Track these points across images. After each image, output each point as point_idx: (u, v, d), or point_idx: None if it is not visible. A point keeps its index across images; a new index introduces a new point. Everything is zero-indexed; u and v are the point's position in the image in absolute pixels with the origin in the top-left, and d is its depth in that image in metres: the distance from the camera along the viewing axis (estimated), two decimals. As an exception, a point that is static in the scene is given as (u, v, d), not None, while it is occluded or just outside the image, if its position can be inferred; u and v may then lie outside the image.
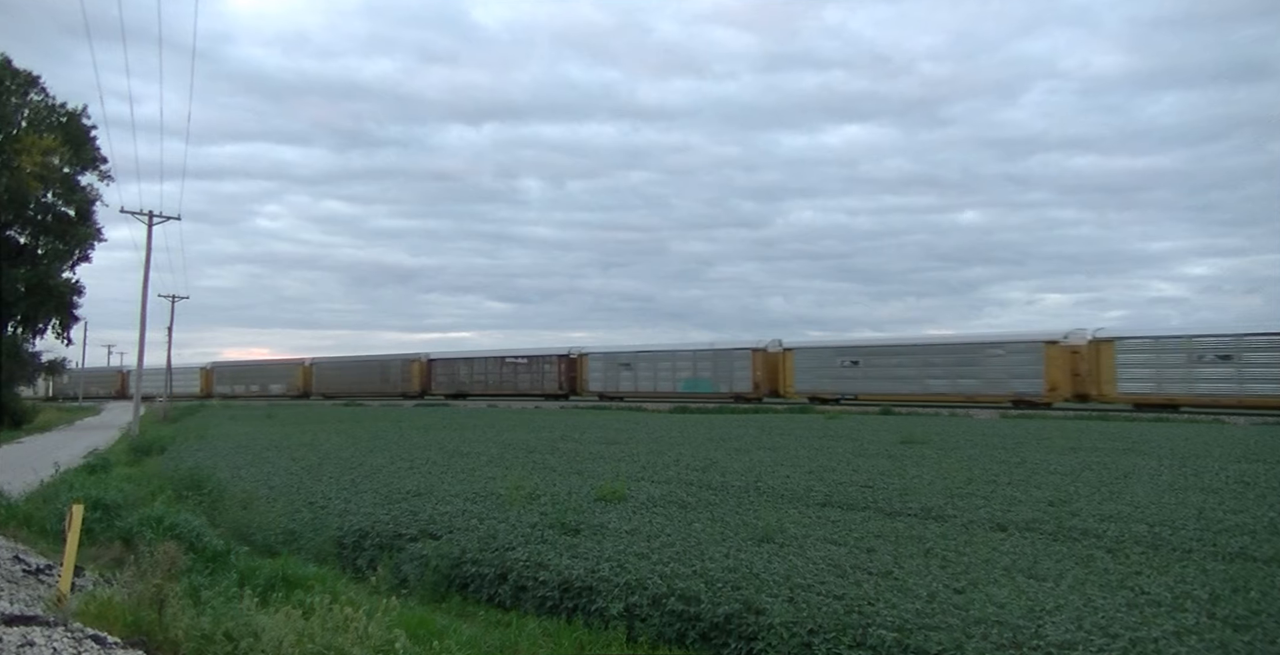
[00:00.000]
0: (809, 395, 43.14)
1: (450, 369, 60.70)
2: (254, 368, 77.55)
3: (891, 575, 7.08)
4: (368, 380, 65.27)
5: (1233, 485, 12.55)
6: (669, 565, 7.46)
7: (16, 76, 35.95)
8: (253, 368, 77.73)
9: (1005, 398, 37.43)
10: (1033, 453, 17.49)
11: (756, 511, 10.31)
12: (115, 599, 6.01)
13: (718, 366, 46.83)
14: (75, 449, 23.95)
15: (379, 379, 64.51)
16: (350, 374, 67.27)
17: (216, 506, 12.45)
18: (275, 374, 73.71)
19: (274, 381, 73.05)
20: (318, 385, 69.40)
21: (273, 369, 74.85)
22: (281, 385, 71.82)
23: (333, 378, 68.68)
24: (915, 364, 40.86)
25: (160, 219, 35.32)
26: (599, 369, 52.26)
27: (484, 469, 15.40)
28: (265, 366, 76.51)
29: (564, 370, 53.85)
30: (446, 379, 60.59)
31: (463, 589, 8.32)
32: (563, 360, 54.16)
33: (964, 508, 10.45)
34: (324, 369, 69.97)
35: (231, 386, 75.86)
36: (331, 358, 72.29)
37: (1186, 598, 6.38)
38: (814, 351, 44.56)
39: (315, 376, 69.92)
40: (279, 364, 75.15)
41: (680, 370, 48.62)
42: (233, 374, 77.56)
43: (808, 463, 15.74)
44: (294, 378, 71.18)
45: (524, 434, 24.67)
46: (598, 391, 51.72)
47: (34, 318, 38.65)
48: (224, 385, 76.61)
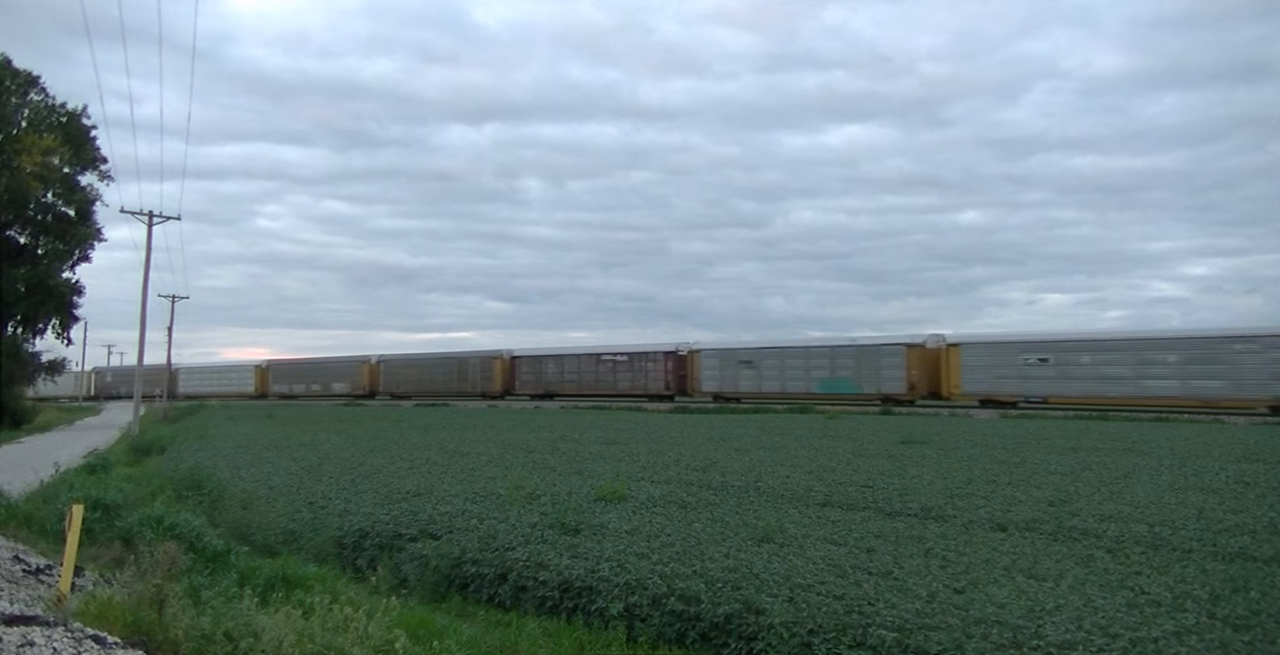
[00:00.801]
0: (982, 397, 38.43)
1: (537, 367, 55.56)
2: (315, 366, 71.55)
3: (891, 575, 7.08)
4: (443, 379, 60.09)
5: (1233, 485, 12.55)
6: (669, 565, 7.46)
7: (16, 76, 35.95)
8: (314, 366, 71.65)
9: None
10: (1033, 453, 17.49)
11: (756, 511, 10.31)
12: (115, 599, 6.01)
13: (862, 364, 41.42)
14: (75, 449, 23.96)
15: (455, 378, 59.38)
16: (424, 372, 61.97)
17: (216, 506, 12.45)
18: (339, 372, 68.24)
19: (337, 380, 67.66)
20: (386, 384, 64.45)
21: (336, 367, 69.17)
22: (345, 384, 66.67)
23: (403, 376, 63.52)
24: (1130, 362, 35.33)
25: (160, 219, 35.36)
26: (714, 367, 46.73)
27: (484, 469, 15.40)
28: (328, 364, 70.67)
29: (671, 368, 48.47)
30: (532, 378, 55.45)
31: (463, 589, 8.32)
32: (670, 357, 48.79)
33: (964, 508, 10.45)
34: (393, 367, 64.91)
35: (290, 386, 70.90)
36: (402, 355, 67.06)
37: (1186, 598, 6.38)
38: (989, 347, 39.07)
39: (383, 375, 64.96)
40: (343, 362, 69.33)
41: (815, 369, 43.18)
42: (291, 372, 72.15)
43: (808, 463, 15.74)
44: (359, 376, 66.17)
45: (524, 434, 24.67)
46: (712, 392, 46.54)
47: (34, 318, 38.66)
48: (281, 384, 71.70)
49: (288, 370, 72.81)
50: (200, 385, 76.97)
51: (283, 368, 73.76)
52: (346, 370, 67.61)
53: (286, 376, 72.29)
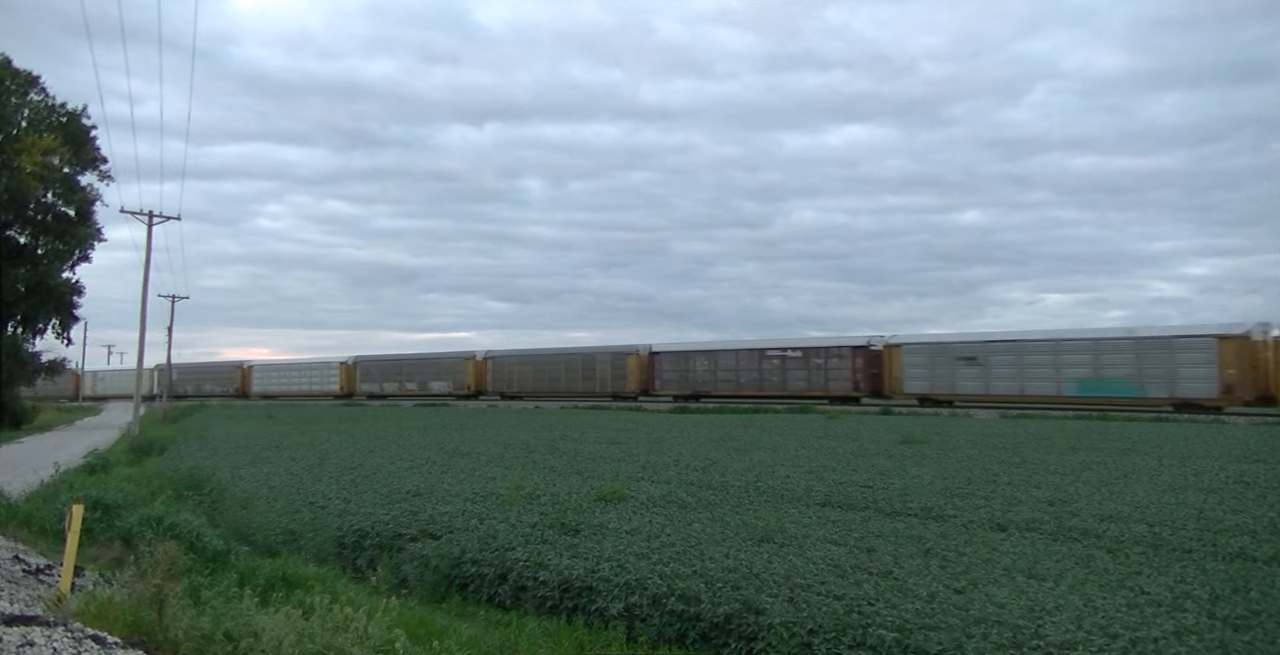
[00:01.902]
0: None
1: (682, 364, 48.81)
2: (411, 362, 64.79)
3: (891, 575, 7.08)
4: (566, 377, 54.16)
5: (1233, 485, 12.55)
6: (669, 565, 7.46)
7: (16, 76, 35.95)
8: (410, 362, 64.85)
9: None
10: (1033, 453, 17.49)
11: (756, 511, 10.30)
12: (115, 599, 6.01)
13: (1144, 361, 34.10)
14: (75, 449, 23.95)
15: (580, 376, 53.31)
16: (541, 369, 55.82)
17: (216, 506, 12.45)
18: (438, 369, 61.93)
19: (436, 378, 61.44)
20: (495, 383, 58.51)
21: (435, 363, 62.84)
22: (446, 382, 60.52)
23: (516, 374, 57.49)
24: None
25: (160, 219, 35.38)
26: (921, 364, 39.53)
27: (484, 469, 15.40)
28: (426, 361, 64.09)
29: (861, 366, 41.72)
30: (676, 376, 48.77)
31: (463, 589, 8.32)
32: (860, 353, 41.87)
33: (964, 508, 10.45)
34: (504, 364, 58.61)
35: (380, 384, 64.91)
36: (514, 351, 60.85)
37: (1186, 598, 6.38)
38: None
39: (491, 372, 58.82)
40: (444, 358, 62.83)
41: (1072, 366, 35.75)
42: (383, 369, 65.79)
43: (808, 463, 15.74)
44: (462, 374, 59.86)
45: (524, 434, 24.67)
46: (919, 393, 39.40)
47: (34, 318, 38.67)
48: (371, 382, 65.66)
49: (379, 367, 66.39)
50: (275, 384, 71.48)
51: (373, 365, 67.04)
52: (447, 367, 61.20)
53: (377, 374, 65.91)
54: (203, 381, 77.70)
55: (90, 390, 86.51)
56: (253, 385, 73.05)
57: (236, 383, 75.16)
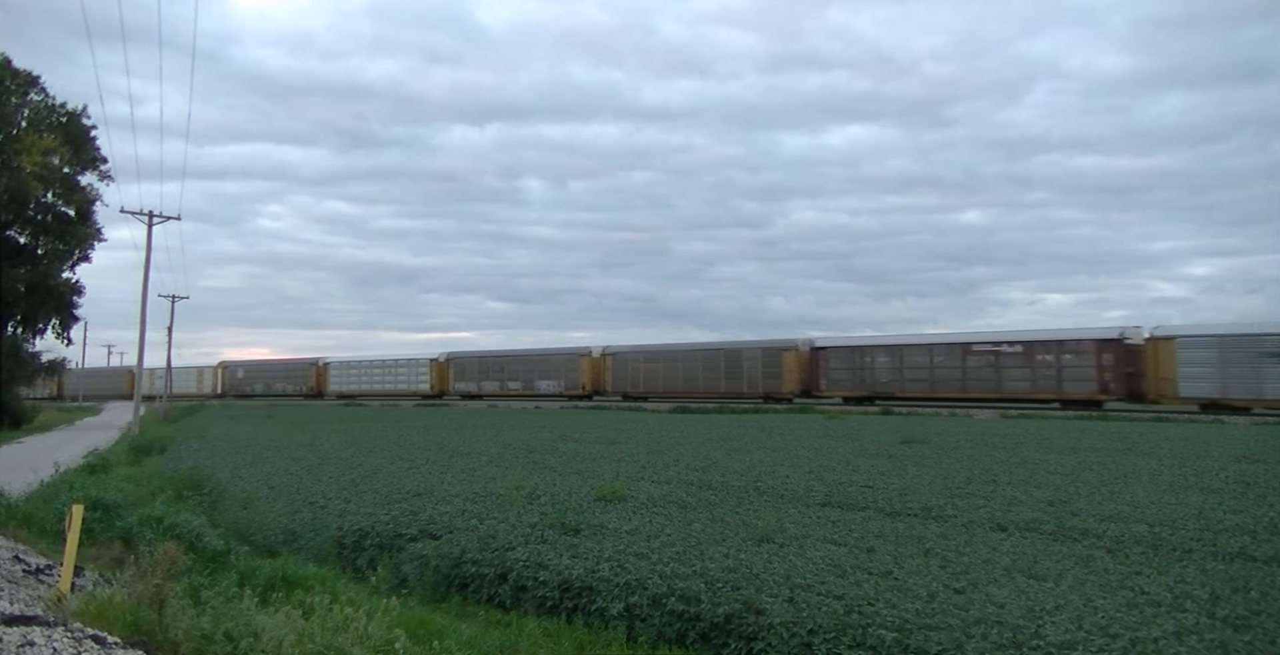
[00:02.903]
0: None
1: (855, 360, 42.51)
2: (515, 359, 58.74)
3: (891, 575, 7.08)
4: (705, 376, 47.98)
5: (1233, 485, 12.55)
6: (669, 565, 7.46)
7: (16, 76, 35.94)
8: (514, 359, 58.85)
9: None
10: (1033, 453, 17.49)
11: (756, 511, 10.30)
12: (115, 599, 6.01)
13: None
14: (75, 449, 23.93)
15: (723, 375, 47.26)
16: (675, 367, 49.60)
17: (216, 506, 12.45)
18: (547, 367, 55.82)
19: (545, 377, 55.60)
20: (615, 382, 52.25)
21: (545, 360, 56.59)
22: (556, 382, 54.86)
23: (643, 372, 50.91)
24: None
25: (160, 219, 35.36)
26: (1202, 361, 32.06)
27: (484, 469, 15.40)
28: (534, 358, 57.68)
29: (1111, 363, 34.82)
30: (848, 375, 42.60)
31: (463, 589, 8.32)
32: (1108, 347, 34.98)
33: (964, 508, 10.45)
34: (628, 361, 52.04)
35: (478, 383, 59.18)
36: (641, 346, 53.97)
37: (1186, 598, 6.38)
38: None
39: (611, 371, 52.38)
40: (555, 355, 56.68)
41: None
42: (481, 367, 59.76)
43: (808, 463, 15.74)
44: (576, 372, 53.77)
45: (524, 434, 24.67)
46: (1202, 397, 32.11)
47: (34, 318, 38.68)
48: (467, 381, 59.80)
49: (476, 365, 60.04)
50: (356, 382, 65.97)
51: (469, 362, 60.65)
52: (558, 365, 55.10)
53: (474, 372, 59.86)
54: (272, 380, 72.00)
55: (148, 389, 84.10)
56: (329, 384, 67.30)
57: (310, 381, 69.14)
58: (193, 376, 77.56)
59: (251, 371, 73.47)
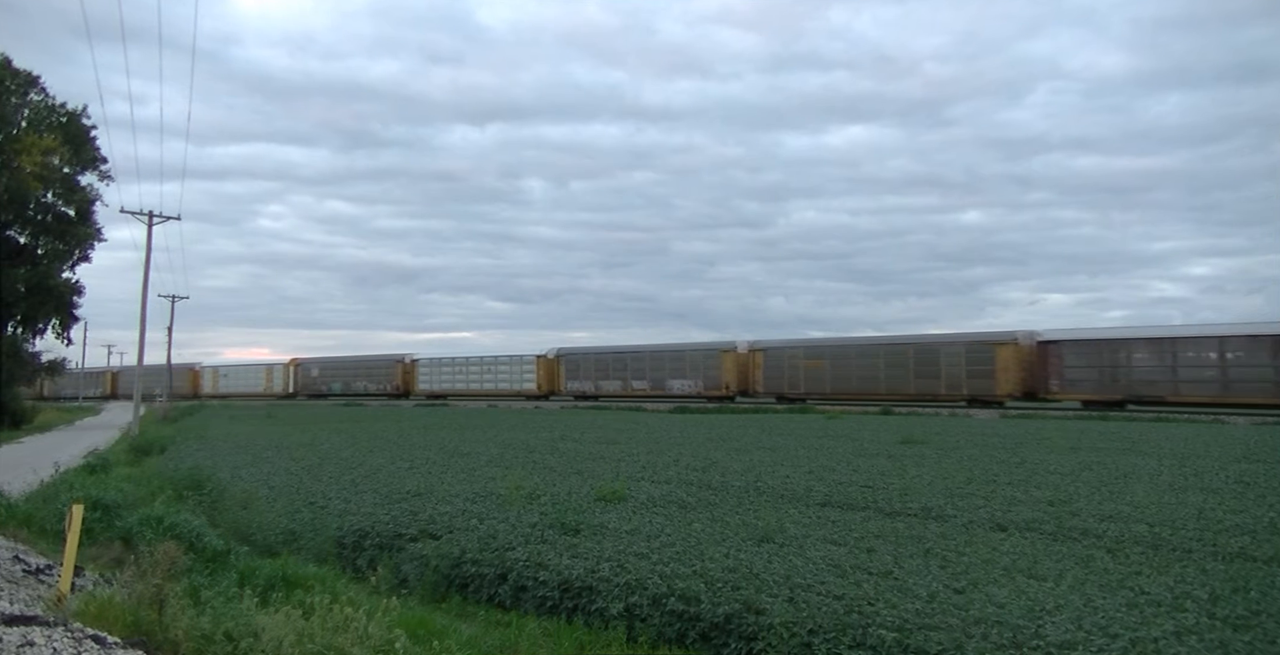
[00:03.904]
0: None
1: (1103, 357, 35.08)
2: (641, 356, 51.91)
3: (891, 575, 7.08)
4: (889, 375, 41.28)
5: (1233, 485, 12.54)
6: (669, 565, 7.46)
7: (16, 76, 35.94)
8: (639, 356, 52.03)
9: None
10: (1033, 453, 17.49)
11: (756, 511, 10.30)
12: (115, 599, 6.01)
13: None
14: (75, 449, 23.94)
15: (912, 374, 40.48)
16: (845, 364, 42.83)
17: (216, 506, 12.45)
18: (683, 365, 49.40)
19: (679, 376, 49.27)
20: (768, 381, 45.44)
21: (679, 357, 50.08)
22: (693, 381, 48.43)
23: (803, 371, 44.17)
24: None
25: (160, 219, 35.39)
26: None
27: (484, 469, 15.40)
28: (665, 353, 51.04)
29: None
30: (1090, 374, 35.23)
31: (463, 589, 8.32)
32: None
33: (964, 508, 10.45)
34: (784, 358, 45.17)
35: (596, 383, 53.13)
36: (798, 341, 47.45)
37: (1186, 598, 6.37)
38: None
39: (764, 368, 45.64)
40: (692, 350, 50.03)
41: None
42: (599, 365, 53.44)
43: (808, 463, 15.74)
44: (717, 370, 47.47)
45: (524, 434, 24.67)
46: None
47: (34, 318, 38.66)
48: (581, 380, 53.67)
49: (594, 362, 53.82)
50: (449, 381, 60.84)
51: (584, 359, 54.50)
52: (697, 362, 48.60)
53: (590, 370, 53.61)
54: (352, 378, 66.68)
55: (210, 388, 76.38)
56: (417, 383, 62.26)
57: (395, 380, 63.92)
58: (260, 374, 72.98)
59: (328, 369, 68.10)
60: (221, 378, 76.69)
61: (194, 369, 78.98)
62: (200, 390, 76.61)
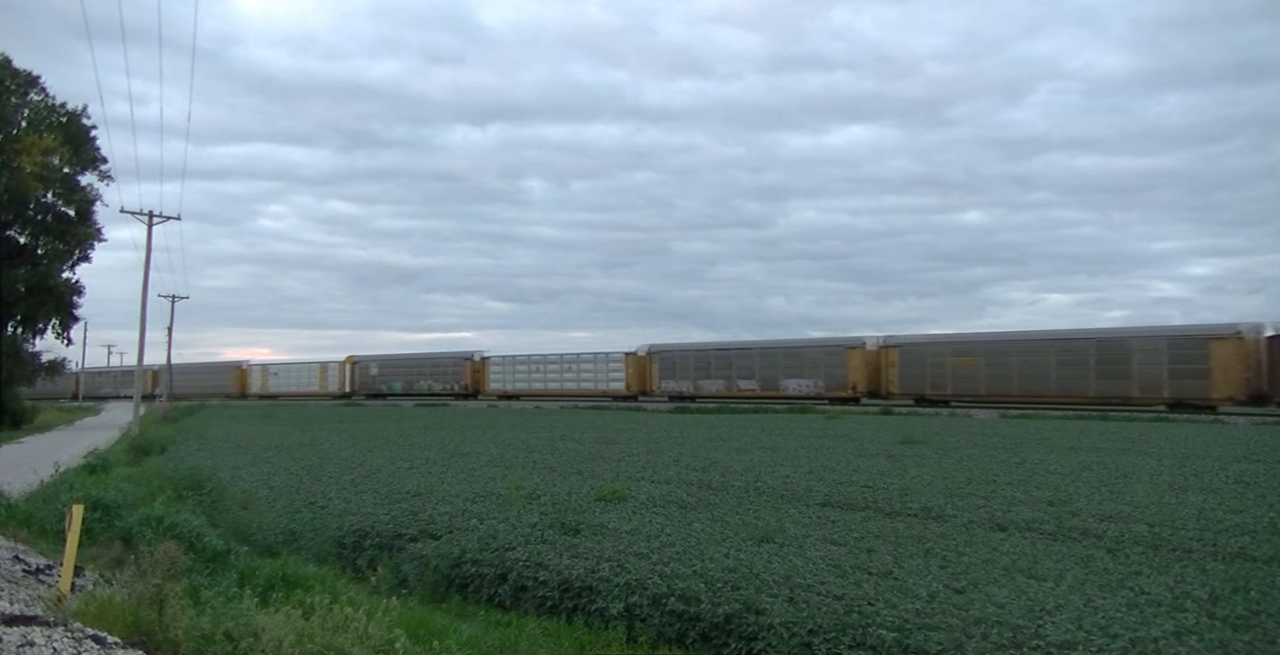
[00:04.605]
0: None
1: None
2: (749, 353, 47.02)
3: (891, 575, 7.08)
4: (1062, 374, 35.74)
5: (1233, 485, 12.54)
6: (669, 565, 7.46)
7: (16, 76, 35.94)
8: (748, 353, 47.07)
9: None
10: (1032, 453, 17.49)
11: (756, 511, 10.30)
12: (115, 599, 6.01)
13: None
14: (75, 449, 23.94)
15: (1094, 373, 35.01)
16: (1006, 363, 37.56)
17: (216, 506, 12.45)
18: (799, 363, 44.36)
19: (793, 374, 44.45)
20: (906, 381, 40.59)
21: (794, 354, 44.92)
22: (813, 381, 43.57)
23: (951, 369, 39.16)
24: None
25: (160, 219, 35.40)
26: None
27: (484, 469, 15.39)
28: (780, 351, 45.94)
29: None
30: None
31: (463, 589, 8.32)
32: None
33: (964, 508, 10.45)
34: (925, 355, 40.25)
35: (694, 382, 48.19)
36: (944, 337, 42.22)
37: (1186, 598, 6.38)
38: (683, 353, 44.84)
39: (899, 366, 40.70)
40: (809, 347, 45.09)
41: None
42: (699, 363, 48.57)
43: (808, 463, 15.74)
44: (841, 368, 42.53)
45: (523, 434, 24.67)
46: None
47: (34, 318, 38.65)
48: (678, 380, 48.95)
49: (693, 360, 49.08)
50: (525, 380, 56.81)
51: (681, 356, 49.73)
52: (816, 360, 43.81)
53: (688, 368, 48.80)
54: (415, 376, 63.07)
55: (259, 387, 73.24)
56: (489, 382, 58.65)
57: (463, 378, 60.13)
58: (314, 373, 69.02)
59: (388, 367, 64.38)
60: (271, 377, 72.84)
61: (241, 368, 75.82)
62: (248, 390, 73.62)
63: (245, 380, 74.75)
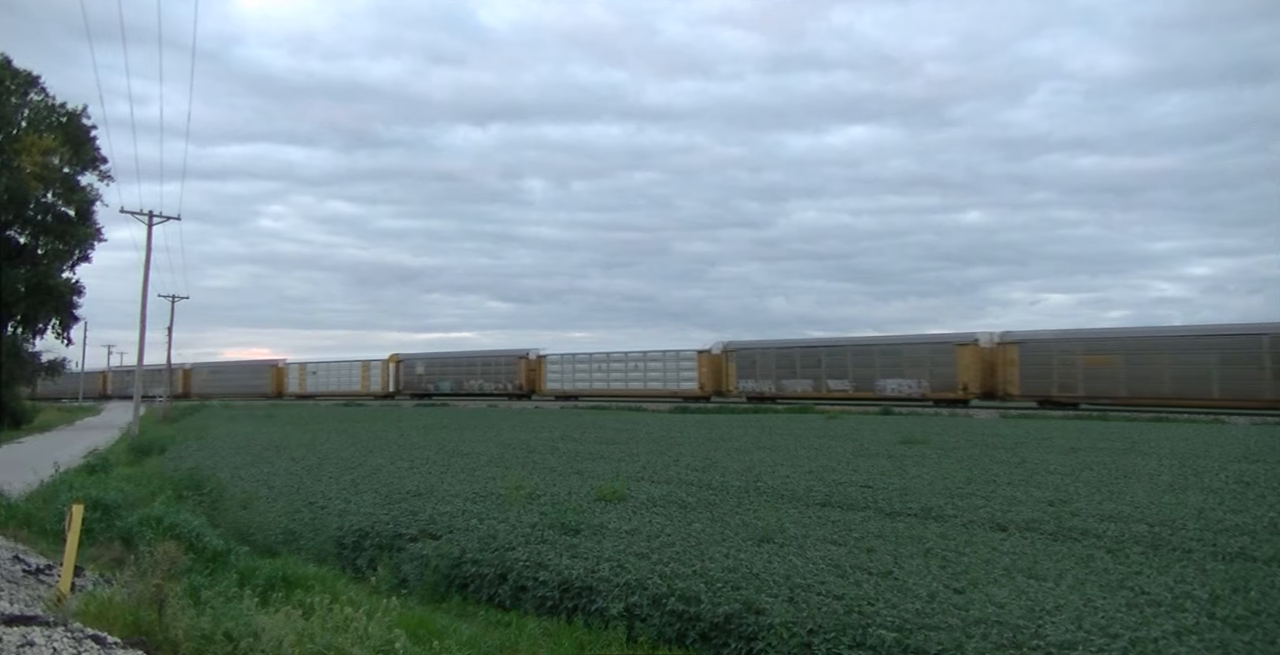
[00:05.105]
0: None
1: None
2: (840, 350, 43.30)
3: (891, 575, 7.08)
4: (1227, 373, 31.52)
5: (1233, 485, 12.54)
6: (669, 565, 7.46)
7: (16, 76, 35.92)
8: (838, 350, 43.37)
9: None
10: (1032, 453, 17.49)
11: (756, 511, 10.30)
12: (115, 599, 6.01)
13: None
14: (75, 449, 23.94)
15: (1252, 370, 30.97)
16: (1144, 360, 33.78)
17: (216, 506, 12.45)
18: (900, 360, 40.78)
19: (889, 374, 40.78)
20: (1029, 380, 36.33)
21: (895, 352, 41.46)
22: (910, 381, 40.21)
23: (1083, 369, 35.06)
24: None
25: (160, 219, 35.39)
26: None
27: (484, 469, 15.39)
28: (879, 348, 42.29)
29: None
30: None
31: (463, 589, 8.32)
32: None
33: (964, 508, 10.45)
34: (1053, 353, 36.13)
35: (775, 382, 44.50)
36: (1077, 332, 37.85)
37: (1186, 598, 6.37)
38: None
39: (1021, 366, 36.81)
40: (913, 344, 41.34)
41: None
42: (782, 361, 44.96)
43: (808, 463, 15.74)
44: (945, 365, 38.93)
45: (524, 434, 24.66)
46: None
47: (34, 318, 38.61)
48: (758, 379, 45.48)
49: (775, 358, 45.17)
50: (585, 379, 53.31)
51: (763, 355, 45.73)
52: (920, 357, 39.96)
53: (770, 368, 44.85)
54: (465, 376, 59.86)
55: (297, 387, 70.20)
56: (545, 381, 55.30)
57: (518, 378, 57.07)
58: (355, 372, 66.10)
59: (435, 366, 61.74)
60: (310, 376, 69.73)
61: (277, 366, 72.51)
62: (285, 389, 70.85)
63: (282, 379, 71.86)
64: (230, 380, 73.93)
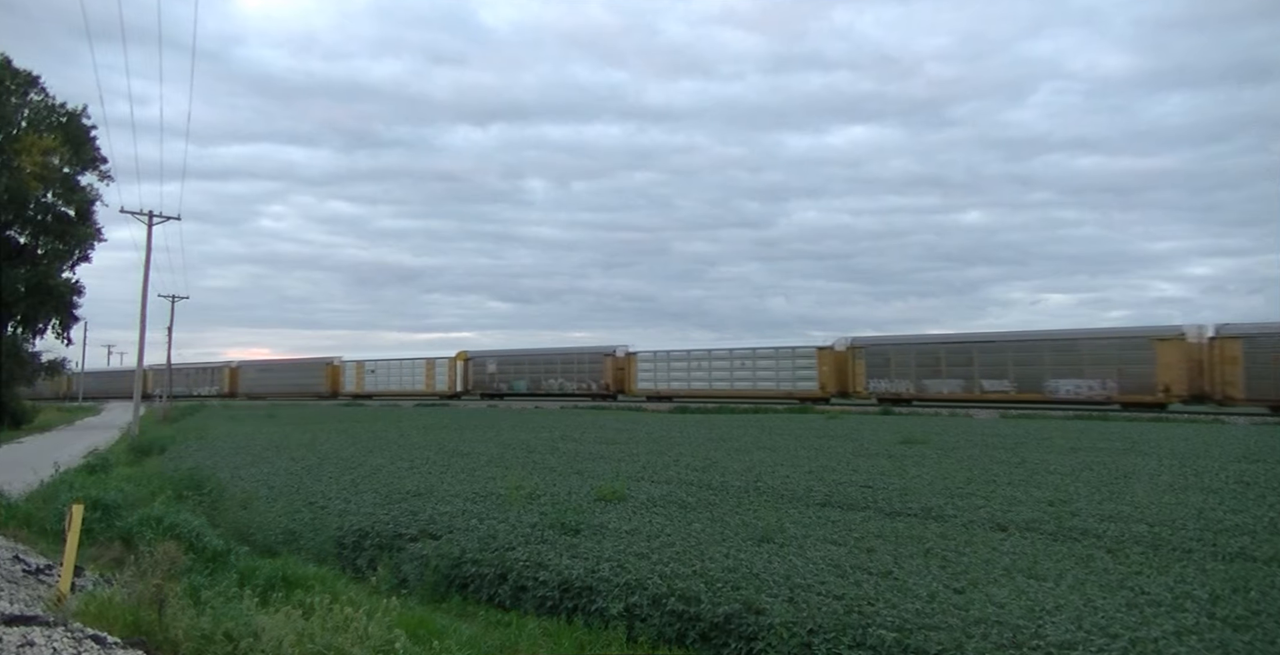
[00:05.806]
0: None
1: None
2: (993, 346, 38.30)
3: (891, 575, 7.08)
4: None
5: (1233, 485, 12.54)
6: (669, 565, 7.46)
7: (16, 76, 35.91)
8: (991, 346, 38.38)
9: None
10: (1033, 453, 17.49)
11: (756, 511, 10.30)
12: (115, 599, 6.01)
13: None
14: (75, 449, 23.94)
15: None
16: None
17: (216, 506, 12.45)
18: (1073, 358, 35.73)
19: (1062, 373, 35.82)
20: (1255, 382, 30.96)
21: (1070, 348, 36.26)
22: (1092, 381, 34.93)
23: None
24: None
25: (160, 219, 35.37)
26: None
27: (484, 469, 15.39)
28: (1032, 344, 37.50)
29: None
30: None
31: (463, 589, 8.32)
32: None
33: (964, 508, 10.45)
34: None
35: (914, 381, 39.95)
36: None
37: (1186, 598, 6.38)
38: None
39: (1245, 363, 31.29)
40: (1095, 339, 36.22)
41: None
42: (921, 358, 40.26)
43: (808, 463, 15.73)
44: (1139, 363, 33.77)
45: (524, 434, 24.66)
46: None
47: (34, 318, 38.59)
48: (892, 379, 40.67)
49: (914, 355, 40.32)
50: (682, 378, 48.94)
51: (898, 352, 40.92)
52: (1105, 355, 34.93)
53: (909, 366, 40.20)
54: (543, 374, 55.46)
55: (354, 386, 66.40)
56: (635, 380, 50.86)
57: (604, 377, 52.49)
58: (419, 370, 62.21)
59: (508, 363, 57.59)
60: (368, 374, 65.40)
61: (332, 364, 68.19)
62: (340, 388, 66.79)
63: (338, 378, 67.58)
64: (281, 379, 70.32)
